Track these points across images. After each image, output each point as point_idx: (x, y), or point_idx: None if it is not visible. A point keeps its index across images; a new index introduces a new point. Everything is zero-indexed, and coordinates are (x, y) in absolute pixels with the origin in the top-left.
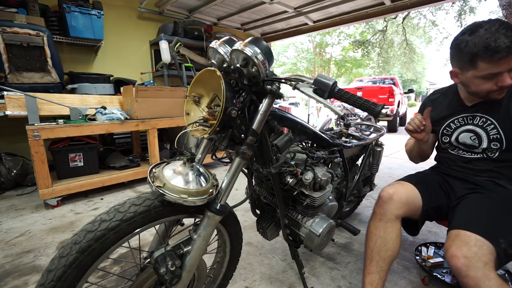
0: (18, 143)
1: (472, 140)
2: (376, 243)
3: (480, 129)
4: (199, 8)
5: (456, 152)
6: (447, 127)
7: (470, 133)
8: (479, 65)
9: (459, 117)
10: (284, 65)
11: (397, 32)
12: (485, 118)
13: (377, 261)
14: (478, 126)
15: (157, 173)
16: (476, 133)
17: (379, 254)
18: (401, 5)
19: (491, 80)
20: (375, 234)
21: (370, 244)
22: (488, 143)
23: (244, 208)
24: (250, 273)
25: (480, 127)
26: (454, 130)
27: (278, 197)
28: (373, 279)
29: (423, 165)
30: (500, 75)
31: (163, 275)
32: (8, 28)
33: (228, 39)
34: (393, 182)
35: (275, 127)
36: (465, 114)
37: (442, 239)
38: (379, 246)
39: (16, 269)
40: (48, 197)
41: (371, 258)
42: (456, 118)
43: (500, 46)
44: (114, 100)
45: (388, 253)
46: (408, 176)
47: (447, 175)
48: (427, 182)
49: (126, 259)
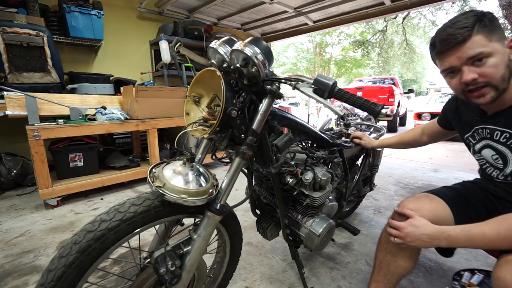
0: (18, 143)
1: (494, 160)
2: (385, 257)
3: (504, 146)
4: (199, 8)
5: (489, 171)
6: (470, 137)
7: (492, 150)
8: (436, 62)
9: (479, 128)
10: (284, 65)
11: (397, 32)
12: (507, 132)
13: (385, 273)
14: (500, 143)
15: (157, 173)
16: (498, 151)
17: (388, 267)
18: (401, 5)
19: (455, 77)
20: (385, 248)
21: (379, 255)
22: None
23: (244, 208)
24: (250, 273)
25: (503, 144)
26: (475, 144)
27: (278, 197)
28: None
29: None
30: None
31: (163, 275)
32: (8, 28)
33: (228, 39)
34: (419, 194)
35: (275, 127)
36: (483, 126)
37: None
38: (388, 261)
39: (16, 269)
40: (48, 197)
41: (379, 268)
42: (476, 129)
43: (437, 39)
44: (114, 100)
45: (398, 269)
46: (443, 188)
47: (491, 193)
48: (466, 200)
49: (126, 259)
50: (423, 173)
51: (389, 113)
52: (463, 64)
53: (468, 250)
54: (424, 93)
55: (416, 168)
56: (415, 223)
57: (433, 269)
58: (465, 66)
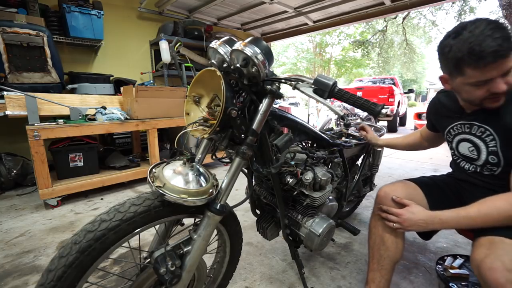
0: (18, 143)
1: (470, 152)
2: (375, 242)
3: (479, 139)
4: (199, 8)
5: (462, 164)
6: (448, 133)
7: (469, 143)
8: (466, 72)
9: (458, 123)
10: (284, 65)
11: (397, 32)
12: (484, 128)
13: (378, 259)
14: (476, 137)
15: (157, 173)
16: (474, 144)
17: (379, 252)
18: (401, 5)
19: (483, 86)
20: (374, 233)
21: (370, 242)
22: (487, 156)
23: (244, 208)
24: (250, 273)
25: (478, 138)
26: (453, 137)
27: (278, 197)
28: (374, 276)
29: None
30: (491, 81)
31: (163, 275)
32: (8, 28)
33: (228, 39)
34: (397, 181)
35: (275, 127)
36: (463, 122)
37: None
38: (378, 244)
39: (16, 269)
40: (48, 197)
41: (372, 255)
42: (455, 124)
43: (486, 50)
44: (114, 100)
45: (387, 252)
46: (421, 177)
47: (463, 182)
48: (437, 185)
49: (126, 259)
50: (423, 173)
51: (389, 113)
52: (498, 76)
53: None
54: (424, 93)
55: (416, 168)
56: (412, 210)
57: (433, 269)
58: (498, 78)
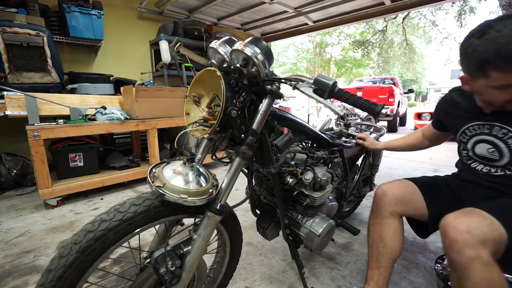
0: (18, 143)
1: (490, 153)
2: (374, 239)
3: (500, 141)
4: (199, 8)
5: (474, 165)
6: (462, 133)
7: (488, 144)
8: (491, 75)
9: (475, 124)
10: (284, 65)
11: (397, 32)
12: (506, 129)
13: (376, 257)
14: (497, 138)
15: (157, 173)
16: (495, 145)
17: (377, 249)
18: (401, 5)
19: (508, 89)
20: (372, 231)
21: (369, 240)
22: (510, 158)
23: (244, 208)
24: (250, 273)
25: (499, 139)
26: (470, 138)
27: (278, 197)
28: (373, 274)
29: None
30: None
31: (163, 275)
32: (8, 28)
33: (228, 39)
34: (392, 180)
35: (275, 127)
36: (481, 122)
37: None
38: (376, 242)
39: (16, 269)
40: (48, 197)
41: (371, 253)
42: (472, 125)
43: None
44: (114, 100)
45: (386, 249)
46: (421, 177)
47: (467, 181)
48: (437, 185)
49: (126, 259)
50: (423, 173)
51: (389, 113)
52: None
53: None
54: (424, 93)
55: (416, 168)
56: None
57: (433, 269)
58: None
